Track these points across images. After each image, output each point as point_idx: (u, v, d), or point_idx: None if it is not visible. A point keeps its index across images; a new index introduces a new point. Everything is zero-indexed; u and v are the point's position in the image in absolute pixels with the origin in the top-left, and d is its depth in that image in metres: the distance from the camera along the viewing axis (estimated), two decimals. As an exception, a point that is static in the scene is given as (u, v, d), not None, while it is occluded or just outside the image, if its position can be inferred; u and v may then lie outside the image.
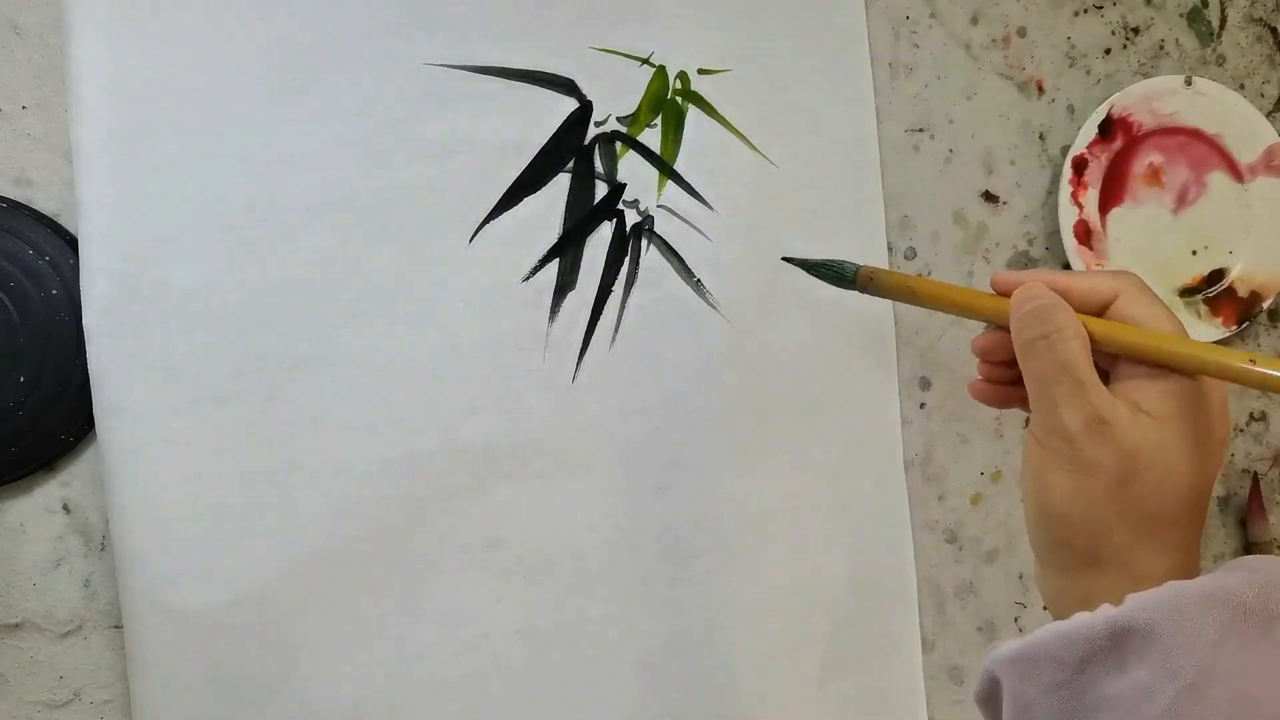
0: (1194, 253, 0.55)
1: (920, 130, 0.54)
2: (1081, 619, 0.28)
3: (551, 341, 0.49)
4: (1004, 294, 0.35)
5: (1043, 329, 0.32)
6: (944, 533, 0.53)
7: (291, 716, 0.45)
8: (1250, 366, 0.30)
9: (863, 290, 0.39)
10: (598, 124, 0.49)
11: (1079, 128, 0.54)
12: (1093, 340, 0.32)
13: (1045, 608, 0.33)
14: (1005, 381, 0.37)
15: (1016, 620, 0.54)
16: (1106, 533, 0.30)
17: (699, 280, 0.50)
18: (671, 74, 0.50)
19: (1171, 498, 0.30)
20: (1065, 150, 0.54)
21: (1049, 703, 0.28)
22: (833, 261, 0.40)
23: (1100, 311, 0.33)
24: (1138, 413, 0.30)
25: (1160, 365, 0.31)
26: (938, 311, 0.37)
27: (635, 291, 0.49)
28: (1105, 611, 0.28)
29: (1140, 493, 0.30)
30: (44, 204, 0.46)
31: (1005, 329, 0.34)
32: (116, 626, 0.46)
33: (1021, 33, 0.55)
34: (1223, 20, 0.57)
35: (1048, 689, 0.28)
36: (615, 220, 0.49)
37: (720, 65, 0.50)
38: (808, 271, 0.42)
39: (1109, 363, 0.33)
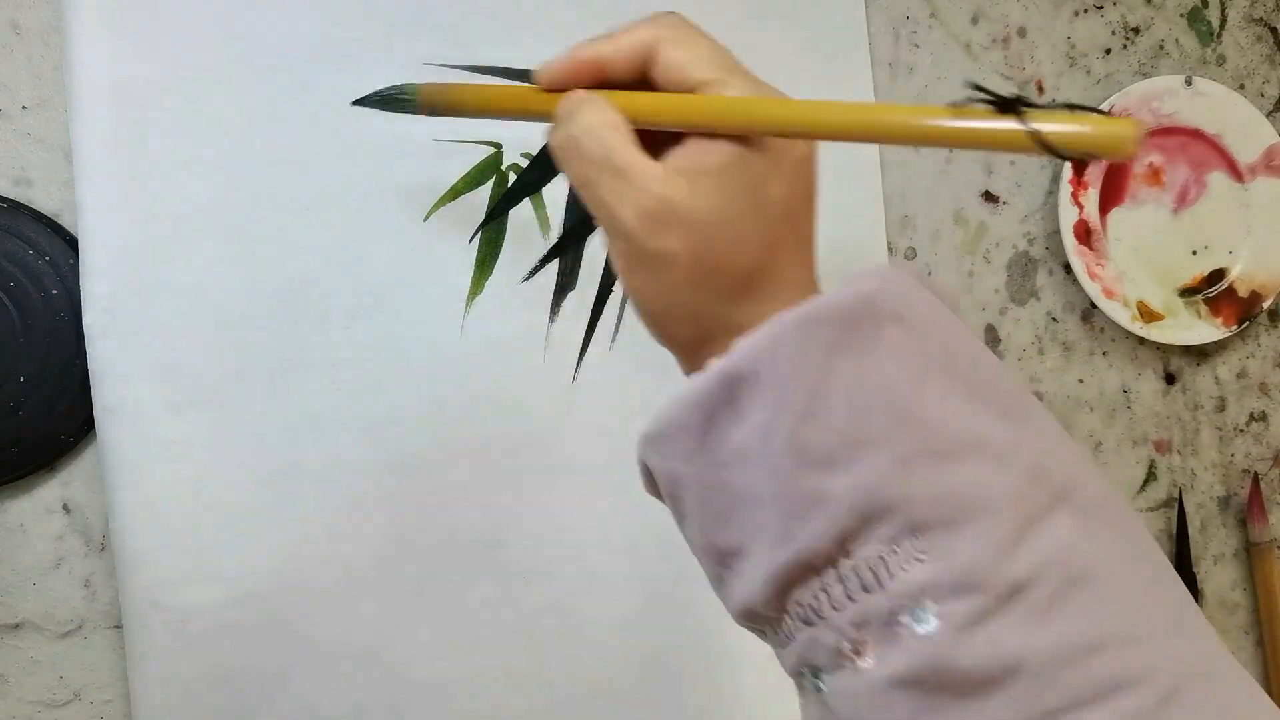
0: (1194, 253, 0.55)
1: (920, 130, 0.54)
2: (696, 379, 0.27)
3: (551, 341, 0.49)
4: (554, 90, 0.32)
5: (567, 129, 0.30)
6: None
7: (291, 716, 0.45)
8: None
9: (431, 113, 0.36)
10: (598, 124, 0.49)
11: (1079, 128, 0.54)
12: (635, 121, 0.29)
13: None
14: None
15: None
16: (701, 309, 0.29)
17: (699, 280, 0.50)
18: (671, 74, 0.50)
19: (751, 250, 0.28)
20: (1065, 150, 0.54)
21: (689, 471, 0.28)
22: (389, 90, 0.37)
23: (645, 75, 0.30)
24: (698, 178, 0.28)
25: (699, 129, 0.28)
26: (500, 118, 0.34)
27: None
28: (715, 365, 0.27)
29: (718, 261, 0.28)
30: (44, 204, 0.46)
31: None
32: (116, 626, 0.46)
33: (1021, 33, 0.55)
34: (1223, 20, 0.57)
35: (685, 458, 0.28)
36: (615, 220, 0.49)
37: (720, 65, 0.50)
38: (373, 108, 0.38)
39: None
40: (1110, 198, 0.54)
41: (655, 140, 0.29)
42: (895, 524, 0.24)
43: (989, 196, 0.55)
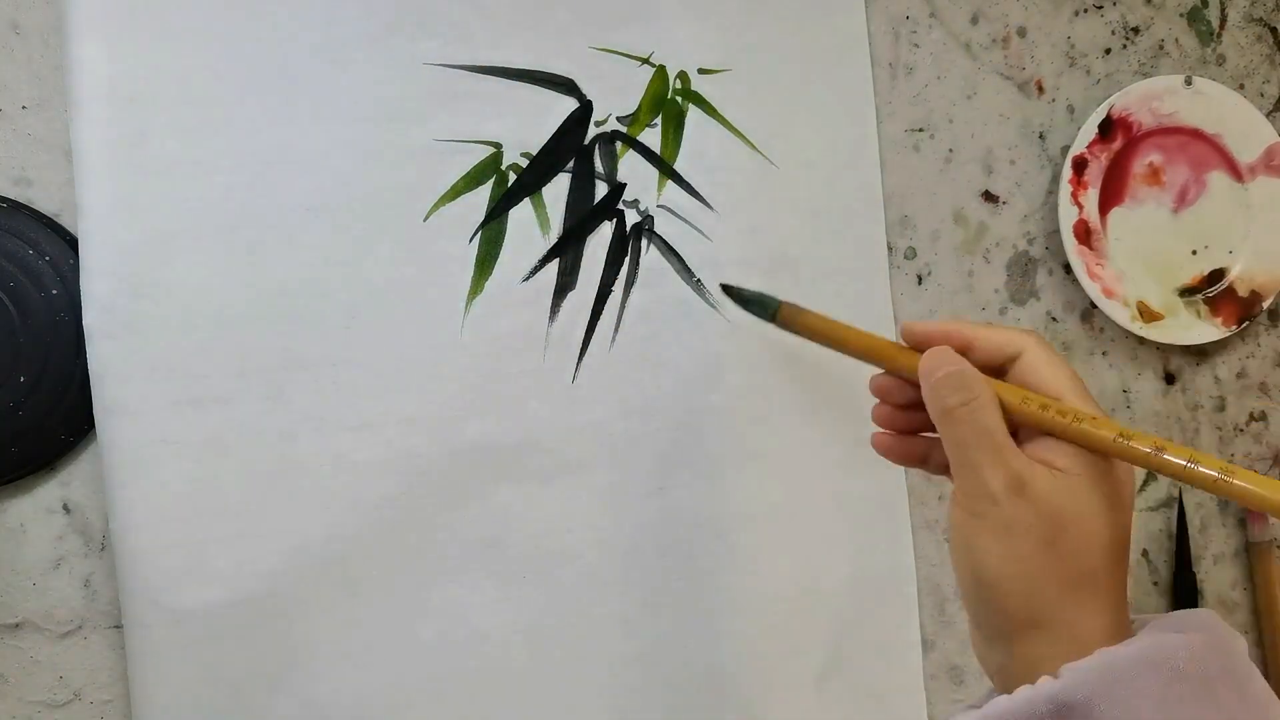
0: (1194, 252, 0.55)
1: (920, 130, 0.54)
2: (1023, 695, 0.28)
3: (551, 341, 0.49)
4: (915, 347, 0.35)
5: (962, 396, 0.32)
6: (944, 532, 0.53)
7: (291, 716, 0.45)
8: (1156, 453, 0.30)
9: (783, 326, 0.40)
10: (598, 124, 0.49)
11: (1079, 127, 0.54)
12: (1004, 409, 0.32)
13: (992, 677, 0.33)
14: (904, 430, 0.37)
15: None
16: (1040, 593, 0.30)
17: (699, 280, 0.50)
18: (671, 74, 0.50)
19: (1096, 553, 0.30)
20: (1065, 150, 0.54)
21: None
22: (756, 293, 0.40)
23: (1003, 368, 0.34)
24: (1053, 472, 0.31)
25: (1068, 440, 0.32)
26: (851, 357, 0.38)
27: (635, 291, 0.49)
28: (1045, 686, 0.28)
29: (1066, 550, 0.30)
30: (44, 204, 0.46)
31: (911, 381, 0.35)
32: (116, 626, 0.46)
33: (1021, 33, 0.55)
34: (1223, 20, 0.57)
35: None
36: (615, 220, 0.50)
37: (720, 65, 0.50)
38: (735, 302, 0.41)
39: (1012, 423, 0.33)
40: (1110, 198, 0.54)
41: None
42: None
43: (989, 196, 0.55)
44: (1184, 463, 0.29)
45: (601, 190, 0.49)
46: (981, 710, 0.29)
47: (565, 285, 0.49)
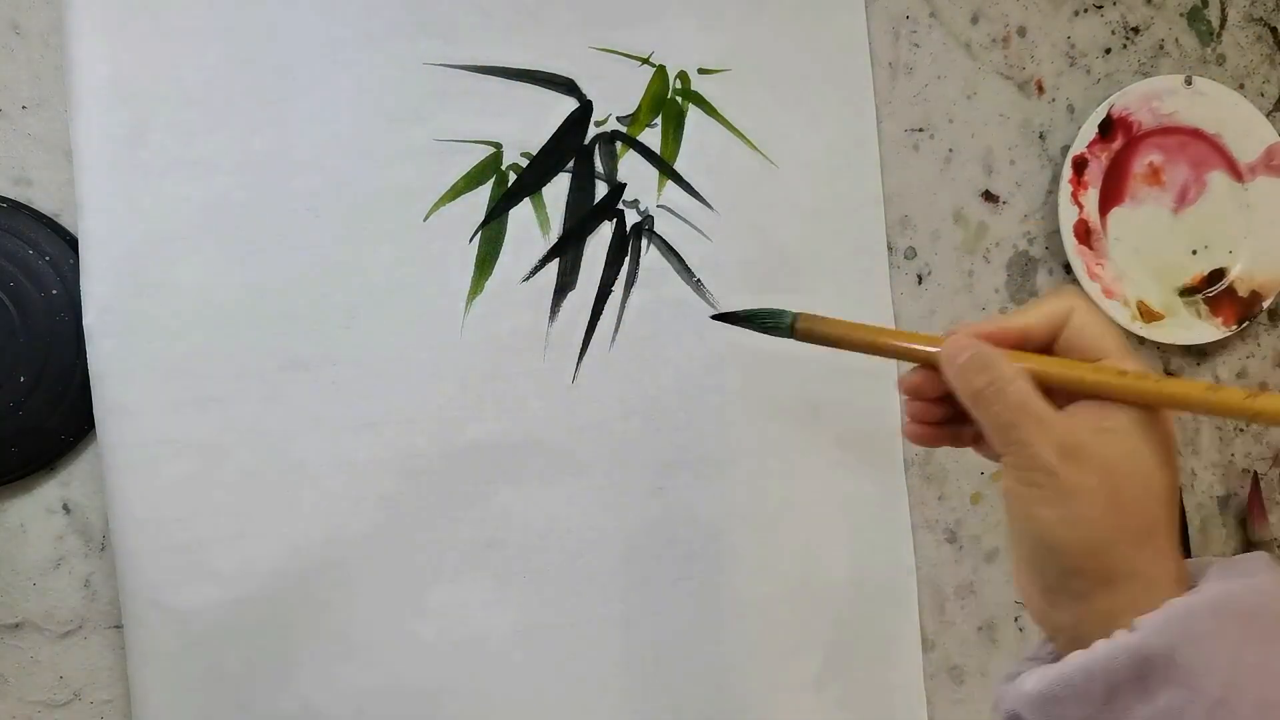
0: (1194, 252, 0.55)
1: (920, 130, 0.54)
2: (1101, 650, 0.29)
3: (551, 341, 0.49)
4: (937, 343, 0.36)
5: (987, 376, 0.33)
6: (944, 532, 0.53)
7: (291, 716, 0.45)
8: (1208, 395, 0.30)
9: (802, 339, 0.38)
10: (598, 124, 0.49)
11: (1079, 127, 0.54)
12: (1039, 380, 0.33)
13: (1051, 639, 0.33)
14: (935, 421, 0.37)
15: (1016, 620, 0.54)
16: (1112, 548, 0.31)
17: (699, 280, 0.50)
18: (671, 74, 0.50)
19: (1158, 503, 0.31)
20: (1065, 150, 0.54)
21: None
22: (765, 311, 0.39)
23: (1050, 342, 0.34)
24: (1101, 431, 0.31)
25: (1111, 400, 0.32)
26: (876, 356, 0.38)
27: (635, 291, 0.49)
28: (1123, 640, 0.28)
29: (1130, 505, 0.30)
30: (44, 204, 0.46)
31: (935, 369, 0.35)
32: (116, 626, 0.46)
33: (1021, 32, 0.55)
34: (1223, 20, 0.57)
35: None
36: (615, 220, 0.50)
37: (720, 65, 0.50)
38: (739, 325, 0.39)
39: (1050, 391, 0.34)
40: (1110, 197, 0.54)
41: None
42: None
43: (989, 196, 0.55)
44: (1244, 396, 0.29)
45: (601, 190, 0.49)
46: (1059, 665, 0.30)
47: (565, 285, 0.49)
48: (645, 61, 0.50)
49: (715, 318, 0.41)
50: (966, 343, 0.34)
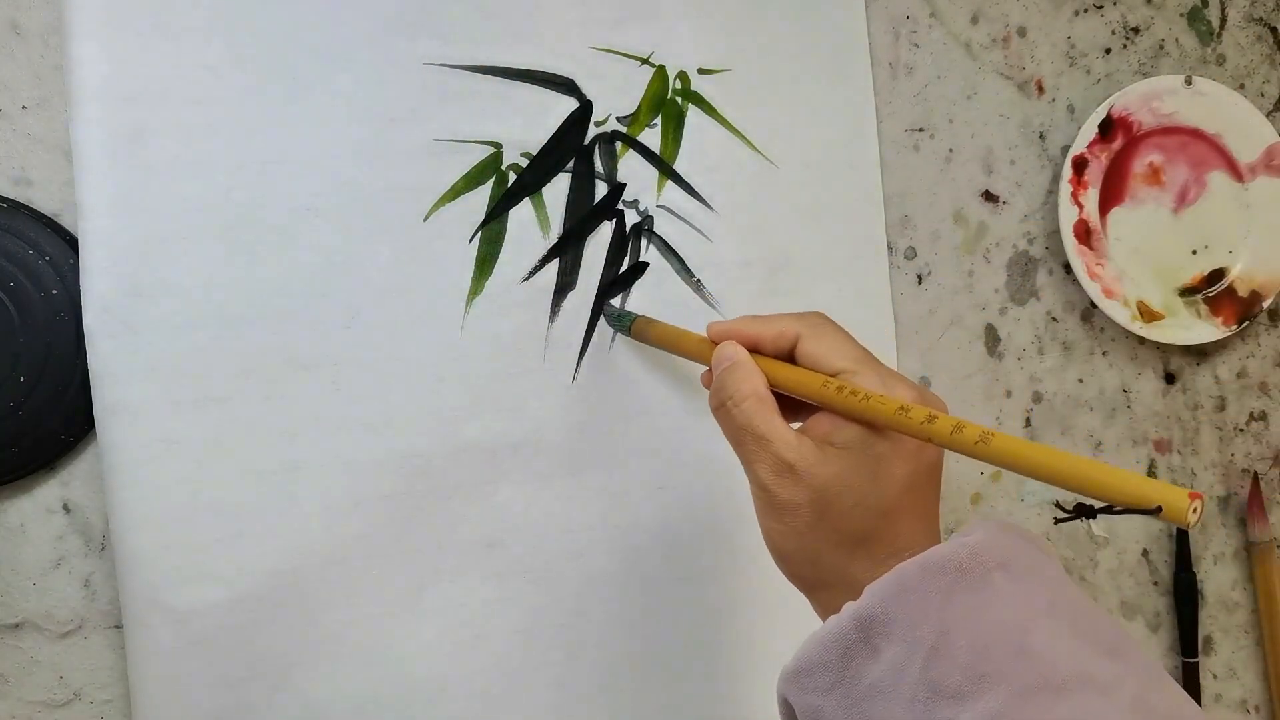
0: (1194, 252, 0.55)
1: (920, 130, 0.54)
2: (831, 621, 0.32)
3: (551, 341, 0.49)
4: (714, 341, 0.39)
5: (720, 397, 0.36)
6: (944, 532, 0.53)
7: (291, 716, 0.45)
8: (902, 415, 0.32)
9: (636, 338, 0.46)
10: (598, 124, 0.49)
11: (1079, 127, 0.54)
12: (772, 383, 0.36)
13: None
14: None
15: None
16: (821, 558, 0.33)
17: (699, 280, 0.50)
18: (671, 74, 0.50)
19: (867, 516, 0.33)
20: (1065, 150, 0.54)
21: (829, 704, 0.31)
22: (616, 312, 0.48)
23: (790, 351, 0.36)
24: (825, 447, 0.33)
25: (822, 407, 0.34)
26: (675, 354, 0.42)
27: (635, 291, 0.49)
28: (848, 608, 0.31)
29: (837, 520, 0.33)
30: (44, 204, 0.46)
31: None
32: (116, 626, 0.46)
33: (1021, 32, 0.55)
34: (1223, 20, 0.57)
35: (824, 692, 0.31)
36: (615, 220, 0.50)
37: (720, 65, 0.50)
38: (606, 319, 0.49)
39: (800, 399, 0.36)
40: (1110, 197, 0.54)
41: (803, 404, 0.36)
42: None
43: (989, 196, 0.55)
44: (949, 430, 0.31)
45: (601, 190, 0.49)
46: (803, 642, 0.32)
47: (565, 285, 0.49)
48: (645, 61, 0.50)
49: (604, 309, 0.49)
50: (729, 353, 0.37)
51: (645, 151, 0.50)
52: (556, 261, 0.49)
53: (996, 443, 0.29)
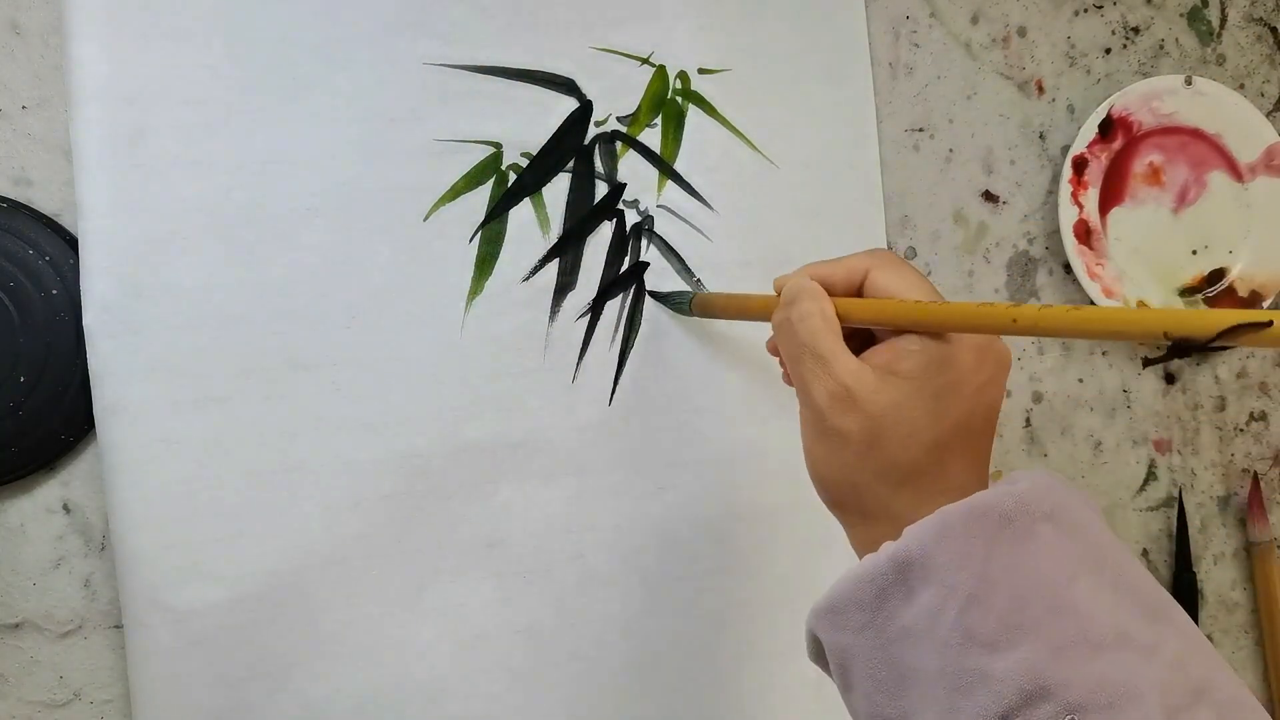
0: (1194, 252, 0.55)
1: (920, 130, 0.54)
2: (869, 560, 0.31)
3: (551, 341, 0.49)
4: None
5: (785, 312, 0.35)
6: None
7: (291, 717, 0.45)
8: (988, 310, 0.30)
9: (700, 313, 0.47)
10: (598, 124, 0.49)
11: (1079, 127, 0.54)
12: (842, 318, 0.34)
13: None
14: None
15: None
16: (866, 489, 0.32)
17: (699, 280, 0.50)
18: (671, 74, 0.50)
19: (919, 449, 0.32)
20: (1065, 150, 0.54)
21: (860, 643, 0.31)
22: (675, 292, 0.48)
23: (859, 289, 0.35)
24: (886, 375, 0.32)
25: (898, 329, 0.33)
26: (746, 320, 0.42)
27: (635, 291, 0.49)
28: (887, 548, 0.30)
29: (888, 451, 0.32)
30: (44, 204, 0.46)
31: None
32: (116, 626, 0.46)
33: (1021, 32, 0.55)
34: (1223, 20, 0.57)
35: (856, 631, 0.31)
36: (615, 220, 0.50)
37: (720, 65, 0.50)
38: (660, 302, 0.49)
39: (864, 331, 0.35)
40: (1110, 197, 0.54)
41: (868, 344, 0.34)
42: (1055, 705, 0.26)
43: (989, 196, 0.55)
44: (1036, 311, 0.29)
45: (601, 190, 0.49)
46: (838, 579, 0.32)
47: (565, 285, 0.49)
48: (645, 61, 0.50)
49: (650, 294, 0.49)
50: (794, 280, 0.35)
51: (645, 151, 0.50)
52: (556, 261, 0.49)
53: (1087, 309, 0.28)
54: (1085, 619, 0.28)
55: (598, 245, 0.49)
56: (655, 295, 0.49)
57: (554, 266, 0.49)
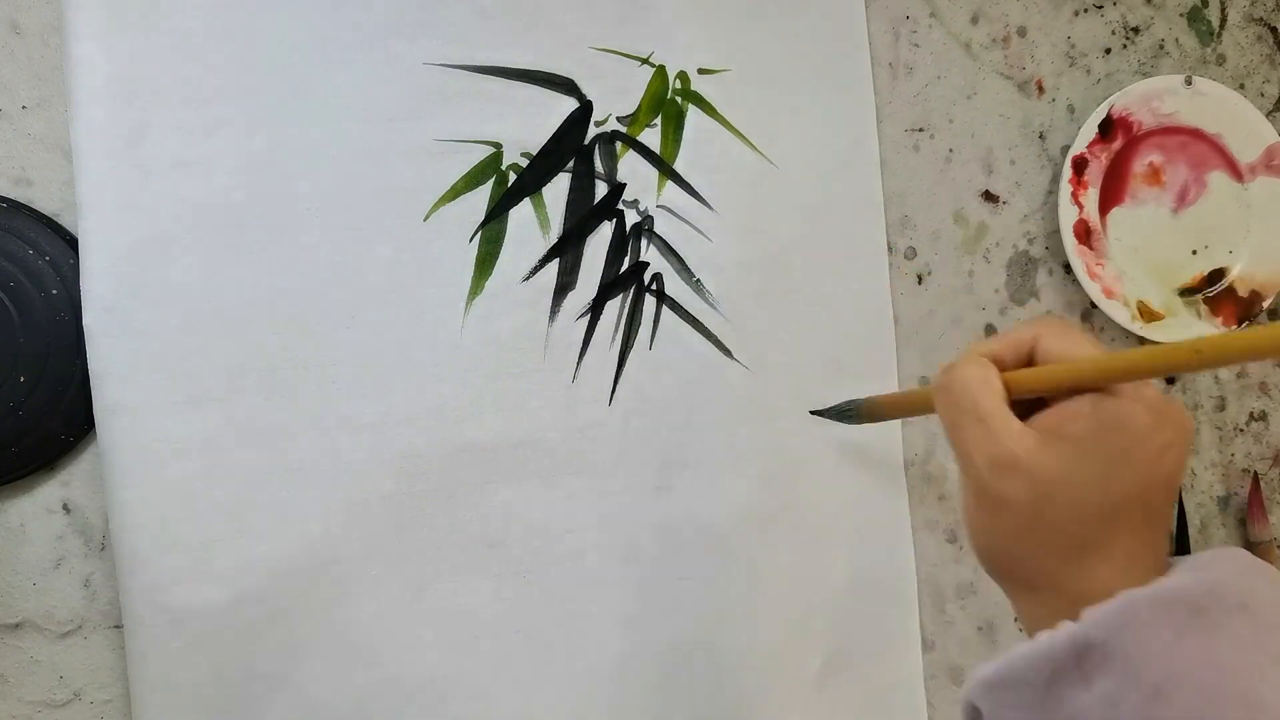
0: (1194, 252, 0.55)
1: (920, 130, 0.54)
2: (1044, 639, 0.29)
3: (551, 341, 0.49)
4: None
5: (945, 380, 0.34)
6: (944, 532, 0.53)
7: (291, 716, 0.45)
8: (1178, 350, 0.29)
9: (870, 419, 0.47)
10: (598, 124, 0.49)
11: (1079, 127, 0.54)
12: (1010, 390, 0.33)
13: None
14: None
15: (1016, 620, 0.54)
16: (1030, 559, 0.31)
17: (699, 280, 0.50)
18: (671, 74, 0.50)
19: (1088, 519, 0.30)
20: (1065, 150, 0.54)
21: None
22: (842, 404, 0.49)
23: (1028, 360, 0.34)
24: (1053, 440, 0.31)
25: (1070, 390, 0.32)
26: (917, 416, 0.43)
27: (636, 291, 0.49)
28: (1066, 629, 0.29)
29: (1053, 519, 0.30)
30: (44, 204, 0.46)
31: None
32: (116, 626, 0.46)
33: (1021, 32, 0.55)
34: (1223, 20, 0.57)
35: (1022, 709, 0.29)
36: (615, 220, 0.50)
37: (720, 65, 0.50)
38: (830, 418, 0.49)
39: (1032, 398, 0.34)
40: (1110, 197, 0.54)
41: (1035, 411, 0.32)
42: None
43: (989, 196, 0.55)
44: (1221, 340, 0.28)
45: (601, 190, 0.49)
46: (1008, 654, 0.30)
47: (565, 285, 0.49)
48: (645, 61, 0.50)
49: (813, 413, 0.50)
50: (964, 357, 0.34)
51: (645, 151, 0.50)
52: (556, 261, 0.49)
53: (1268, 327, 0.27)
54: (1276, 715, 0.26)
55: (598, 245, 0.49)
56: (819, 413, 0.49)
57: (554, 266, 0.49)
